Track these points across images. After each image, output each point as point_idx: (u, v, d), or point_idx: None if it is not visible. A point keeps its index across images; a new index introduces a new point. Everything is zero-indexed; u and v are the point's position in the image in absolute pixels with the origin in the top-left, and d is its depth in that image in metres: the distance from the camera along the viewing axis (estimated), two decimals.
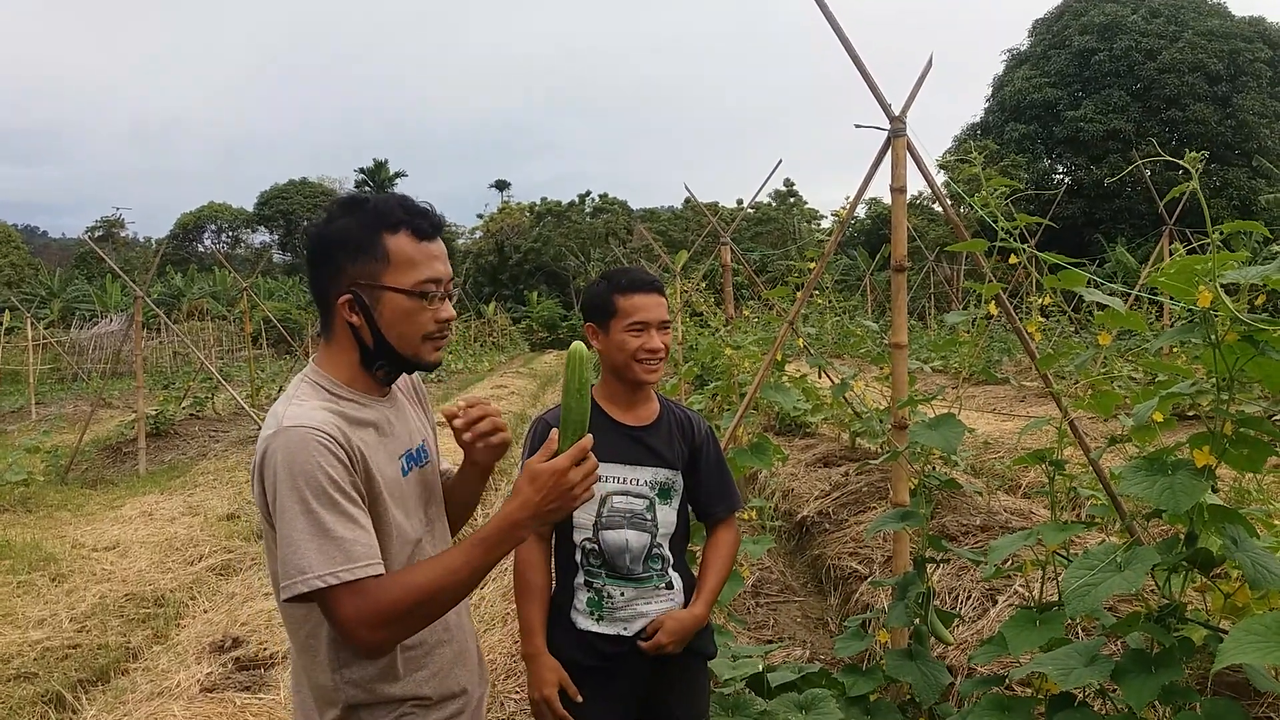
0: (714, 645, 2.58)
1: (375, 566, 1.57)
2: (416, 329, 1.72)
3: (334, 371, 1.75)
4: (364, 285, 1.69)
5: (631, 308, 2.38)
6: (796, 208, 50.96)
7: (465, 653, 1.89)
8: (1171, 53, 33.96)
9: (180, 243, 58.16)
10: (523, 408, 16.70)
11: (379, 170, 67.62)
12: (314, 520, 1.54)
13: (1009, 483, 7.11)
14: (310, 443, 1.57)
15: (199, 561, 6.99)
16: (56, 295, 37.22)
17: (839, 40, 3.68)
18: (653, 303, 2.40)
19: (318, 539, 1.53)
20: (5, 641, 5.28)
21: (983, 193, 3.13)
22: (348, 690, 1.69)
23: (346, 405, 1.71)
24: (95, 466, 11.61)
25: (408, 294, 1.69)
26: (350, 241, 1.69)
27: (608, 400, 2.46)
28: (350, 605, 1.54)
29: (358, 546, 1.56)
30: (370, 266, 1.68)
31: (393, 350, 1.73)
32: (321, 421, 1.61)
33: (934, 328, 21.24)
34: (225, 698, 4.33)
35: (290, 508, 1.54)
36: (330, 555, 1.53)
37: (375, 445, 1.71)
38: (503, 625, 5.06)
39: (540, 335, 45.42)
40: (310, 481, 1.55)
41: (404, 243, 1.69)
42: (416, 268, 1.70)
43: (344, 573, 1.53)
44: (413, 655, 1.76)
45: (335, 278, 1.70)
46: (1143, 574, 2.05)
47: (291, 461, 1.56)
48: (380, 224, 1.69)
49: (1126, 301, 2.58)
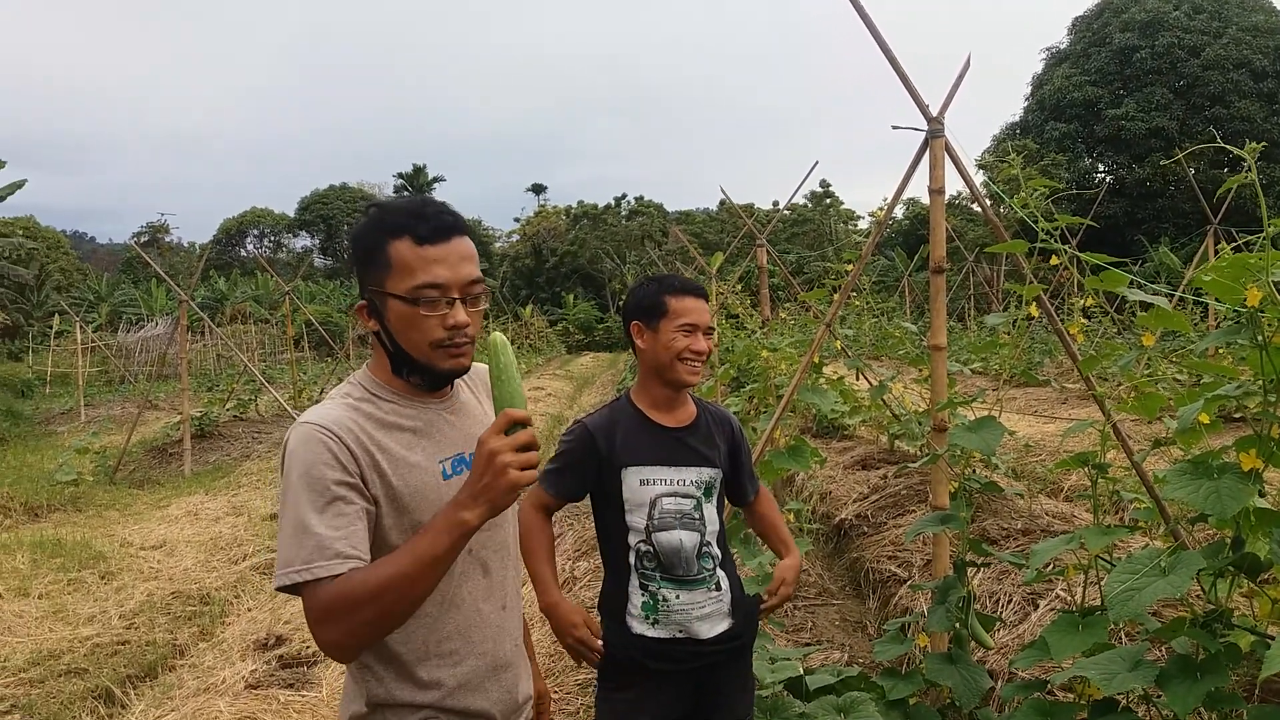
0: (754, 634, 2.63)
1: (340, 565, 1.55)
2: (422, 335, 1.69)
3: (378, 373, 1.77)
4: (373, 291, 1.71)
5: (683, 309, 2.45)
6: (833, 208, 50.64)
7: (500, 668, 1.83)
8: (1215, 49, 33.33)
9: (223, 248, 59.10)
10: (560, 410, 16.77)
11: (418, 175, 68.23)
12: (300, 516, 1.57)
13: (1050, 486, 7.02)
14: (313, 439, 1.61)
15: (243, 561, 7.11)
16: (104, 299, 37.97)
17: (875, 41, 3.68)
18: (701, 307, 2.49)
19: (299, 534, 1.56)
20: (56, 637, 5.40)
21: (1023, 193, 3.11)
22: (373, 686, 1.72)
23: (384, 407, 1.72)
24: (142, 467, 11.85)
25: (404, 300, 1.67)
26: (362, 247, 1.71)
27: (648, 405, 2.49)
28: (310, 601, 1.55)
29: (335, 544, 1.55)
30: (377, 273, 1.69)
31: (408, 357, 1.73)
32: (332, 420, 1.64)
33: (973, 329, 21.01)
34: (269, 695, 4.40)
35: (287, 500, 1.60)
36: (307, 551, 1.55)
37: (409, 447, 1.71)
38: (540, 625, 5.07)
39: (577, 337, 45.55)
40: (304, 477, 1.59)
41: (404, 248, 1.67)
42: (414, 273, 1.66)
43: (318, 569, 1.54)
44: (437, 663, 1.74)
45: (360, 285, 1.74)
46: (1188, 579, 2.03)
47: (294, 456, 1.61)
48: (385, 230, 1.69)
49: (1170, 302, 2.55)
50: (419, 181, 68.14)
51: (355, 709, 1.73)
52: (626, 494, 2.38)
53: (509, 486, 1.52)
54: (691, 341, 2.43)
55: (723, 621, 2.42)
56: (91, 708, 4.63)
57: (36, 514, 9.10)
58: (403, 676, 1.72)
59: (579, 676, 4.29)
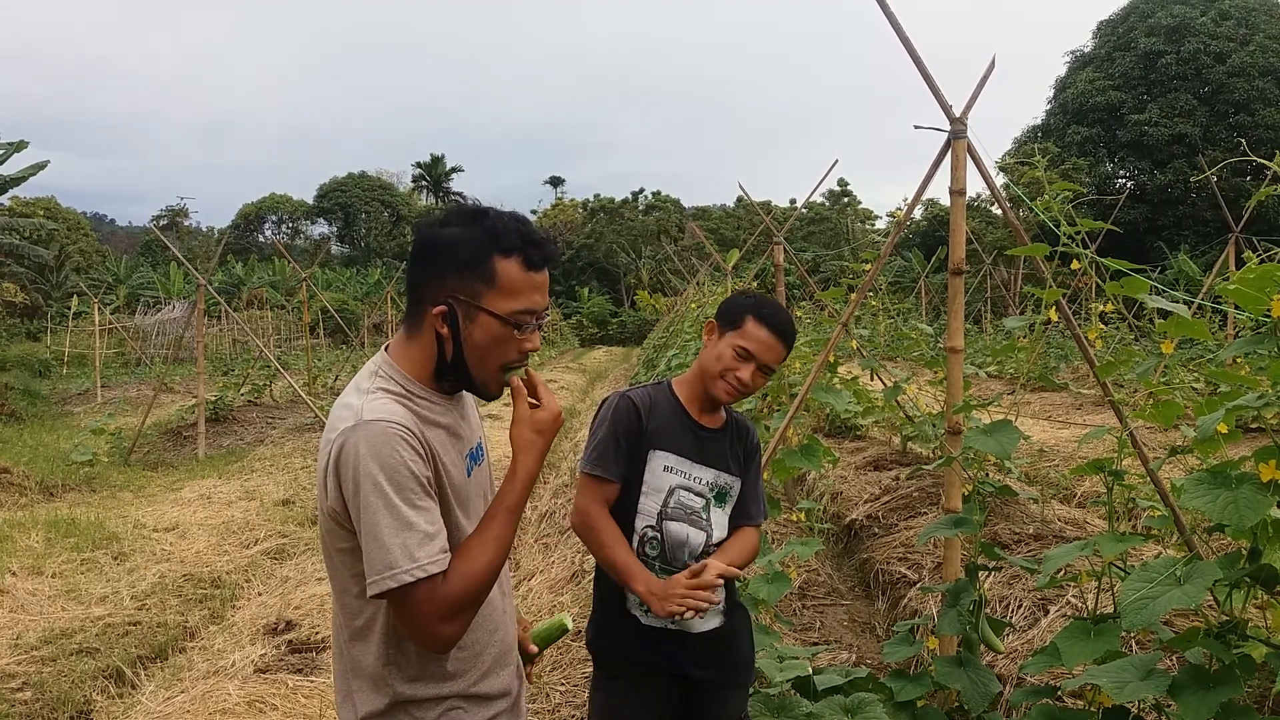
0: (753, 674, 2.61)
1: (446, 560, 1.60)
2: (499, 356, 1.71)
3: (409, 368, 1.74)
4: (462, 301, 1.68)
5: (755, 335, 2.39)
6: (850, 207, 50.52)
7: (508, 650, 1.91)
8: (1241, 56, 33.04)
9: (241, 233, 59.43)
10: (572, 402, 16.80)
11: (436, 165, 68.39)
12: (397, 515, 1.55)
13: (1064, 491, 7.00)
14: (393, 437, 1.58)
15: (254, 545, 7.15)
16: (122, 282, 38.23)
17: (899, 40, 3.66)
18: (773, 345, 2.40)
19: (401, 534, 1.55)
20: (69, 616, 5.45)
21: (1044, 197, 3.09)
22: (398, 684, 1.71)
23: (420, 405, 1.71)
24: (156, 449, 11.92)
25: (502, 320, 1.68)
26: (461, 253, 1.67)
27: (688, 398, 2.49)
28: (427, 599, 1.56)
29: (437, 540, 1.59)
30: (474, 284, 1.67)
31: (466, 371, 1.72)
32: (402, 416, 1.63)
33: (990, 332, 20.93)
34: (278, 679, 4.42)
35: (374, 503, 1.55)
36: (413, 549, 1.55)
37: (445, 446, 1.72)
38: (549, 617, 5.10)
39: (590, 331, 45.62)
40: (393, 476, 1.56)
41: (513, 269, 1.67)
42: (518, 297, 1.68)
43: (430, 565, 1.56)
44: (464, 655, 1.77)
45: (436, 284, 1.69)
46: (1203, 589, 2.02)
47: (375, 455, 1.57)
48: (495, 245, 1.67)
49: (1190, 310, 2.53)
50: (437, 171, 68.29)
51: (371, 708, 1.72)
52: (648, 475, 2.38)
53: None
54: (740, 368, 2.38)
55: (714, 618, 2.42)
56: (102, 687, 4.67)
57: (52, 493, 9.18)
58: (430, 670, 1.73)
59: (587, 670, 4.31)
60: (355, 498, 1.57)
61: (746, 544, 2.48)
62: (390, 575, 1.54)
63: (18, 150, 23.79)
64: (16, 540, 6.76)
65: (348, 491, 1.59)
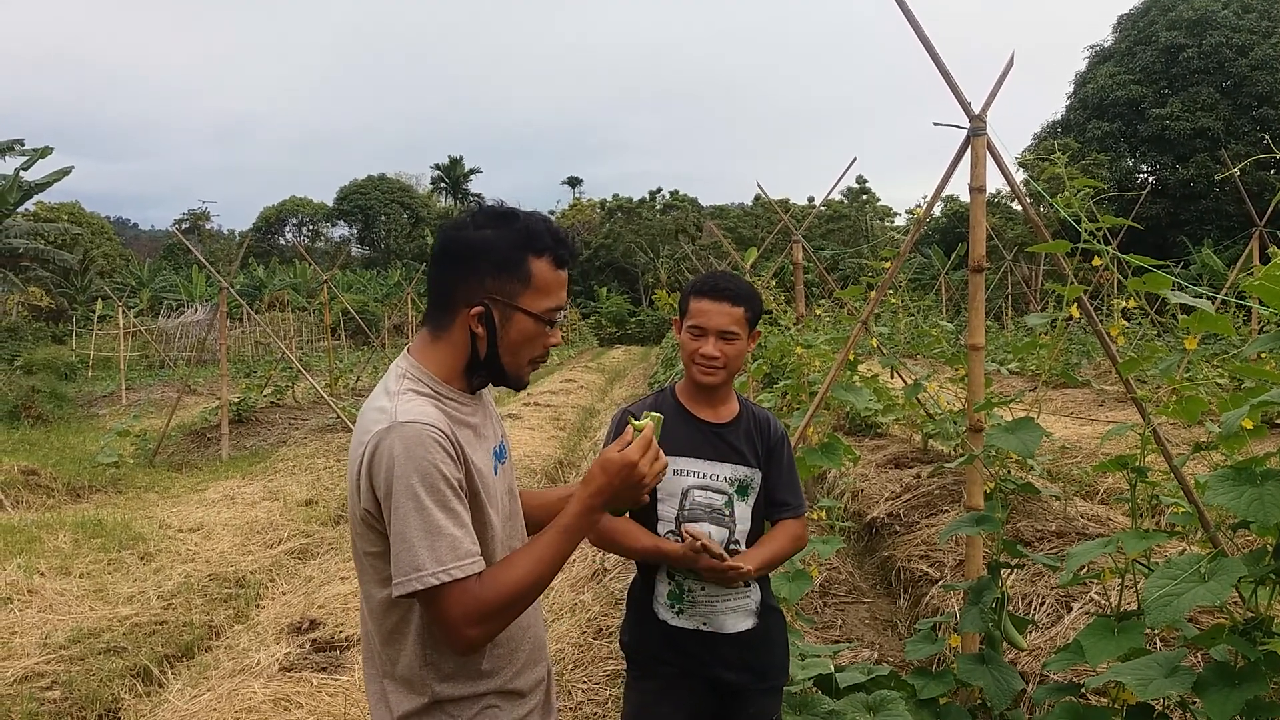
0: (786, 677, 2.59)
1: (479, 563, 1.62)
2: (530, 352, 1.78)
3: (435, 368, 1.76)
4: (499, 302, 1.71)
5: (696, 310, 2.42)
6: (869, 205, 50.28)
7: (539, 644, 1.92)
8: (1264, 49, 32.67)
9: (263, 235, 59.81)
10: (591, 402, 16.82)
11: (454, 166, 68.61)
12: (428, 517, 1.57)
13: (1086, 488, 6.95)
14: (426, 439, 1.60)
15: (278, 545, 7.21)
16: (146, 285, 38.56)
17: (918, 38, 3.65)
18: (716, 309, 2.39)
19: (430, 536, 1.57)
20: (97, 616, 5.51)
21: (1065, 193, 3.07)
22: (435, 684, 1.71)
23: (450, 405, 1.74)
24: (181, 451, 12.04)
25: (537, 319, 1.74)
26: (495, 255, 1.71)
27: (689, 398, 2.50)
28: (456, 602, 1.58)
29: (465, 544, 1.60)
30: (510, 285, 1.71)
31: (500, 366, 1.77)
32: (435, 418, 1.64)
33: (1011, 329, 20.79)
34: (303, 677, 4.46)
35: (405, 504, 1.57)
36: (441, 553, 1.57)
37: (474, 445, 1.74)
38: (570, 615, 5.12)
39: (609, 331, 45.61)
40: (426, 478, 1.58)
41: (545, 268, 1.73)
42: (550, 295, 1.75)
43: (455, 570, 1.57)
44: (500, 653, 1.78)
45: (471, 286, 1.72)
46: (1228, 586, 2.00)
47: (409, 457, 1.58)
48: (529, 245, 1.71)
49: (1214, 305, 2.51)
50: (455, 173, 68.53)
51: (408, 708, 1.73)
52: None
53: (637, 499, 1.79)
54: (700, 345, 2.39)
55: (747, 619, 2.43)
56: (130, 685, 4.72)
57: (79, 495, 9.29)
58: (467, 669, 1.74)
59: (609, 668, 4.32)
60: (388, 499, 1.59)
61: (788, 535, 2.47)
62: (416, 577, 1.56)
63: (42, 156, 24.07)
64: (45, 541, 6.84)
65: (380, 493, 1.61)
